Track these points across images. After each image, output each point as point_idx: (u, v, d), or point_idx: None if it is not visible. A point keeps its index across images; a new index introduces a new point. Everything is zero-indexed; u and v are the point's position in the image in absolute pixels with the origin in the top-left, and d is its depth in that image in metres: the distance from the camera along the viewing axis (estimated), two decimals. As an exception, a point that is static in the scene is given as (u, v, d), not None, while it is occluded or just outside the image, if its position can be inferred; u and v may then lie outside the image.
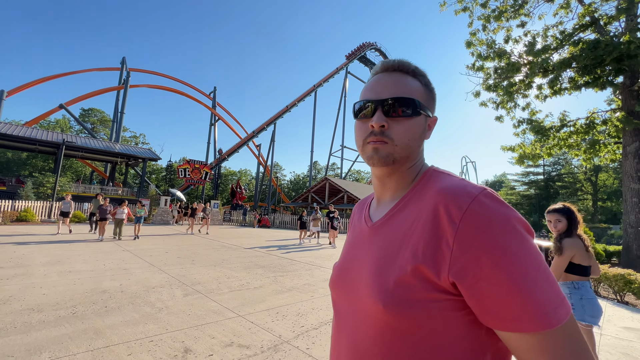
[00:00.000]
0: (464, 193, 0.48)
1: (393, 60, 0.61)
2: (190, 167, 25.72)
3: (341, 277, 0.63)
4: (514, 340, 0.44)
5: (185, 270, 5.97)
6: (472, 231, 0.45)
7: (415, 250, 0.49)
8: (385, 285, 0.50)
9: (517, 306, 0.42)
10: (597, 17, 8.06)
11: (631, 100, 7.72)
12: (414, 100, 0.57)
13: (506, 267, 0.43)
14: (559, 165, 49.64)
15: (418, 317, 0.47)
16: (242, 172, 70.61)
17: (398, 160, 0.57)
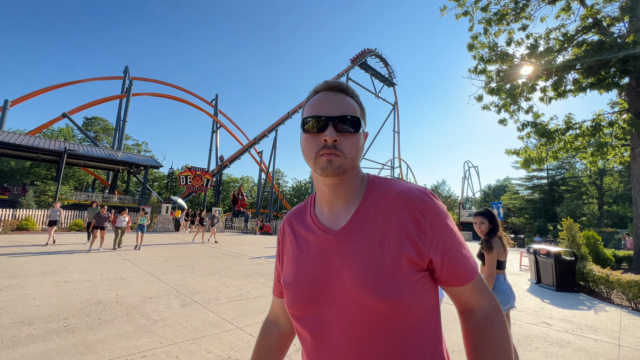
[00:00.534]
0: (420, 193, 0.64)
1: (336, 82, 0.67)
2: (192, 174, 25.66)
3: (316, 291, 0.64)
4: (462, 291, 0.64)
5: (184, 280, 5.82)
6: (434, 219, 0.62)
7: (399, 243, 0.60)
8: (383, 283, 0.57)
9: (466, 265, 0.63)
10: (599, 19, 7.97)
11: (637, 102, 7.58)
12: (359, 119, 0.64)
13: (457, 240, 0.63)
14: (563, 169, 49.17)
15: (412, 297, 0.58)
16: (243, 178, 70.63)
17: (347, 171, 0.64)
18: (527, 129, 8.87)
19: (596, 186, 45.21)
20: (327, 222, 0.68)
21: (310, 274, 0.65)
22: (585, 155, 8.85)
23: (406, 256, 0.59)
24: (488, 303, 0.64)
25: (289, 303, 0.67)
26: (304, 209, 0.76)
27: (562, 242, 8.81)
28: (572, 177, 48.06)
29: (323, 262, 0.64)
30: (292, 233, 0.74)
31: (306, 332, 0.65)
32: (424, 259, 0.61)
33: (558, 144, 8.65)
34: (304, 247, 0.69)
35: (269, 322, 0.84)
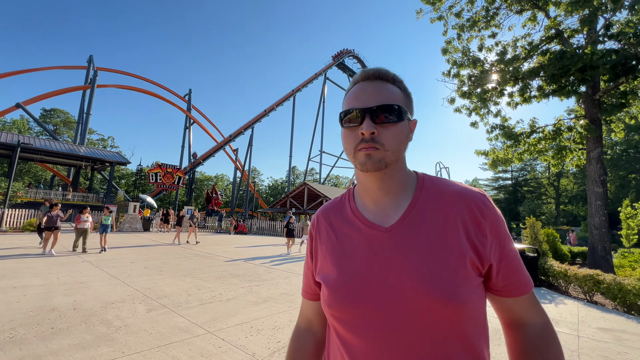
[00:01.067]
0: (481, 195, 0.62)
1: (374, 69, 0.62)
2: (162, 172, 24.49)
3: (363, 290, 0.59)
4: (516, 302, 0.61)
5: (152, 282, 5.50)
6: (495, 223, 0.60)
7: (462, 243, 0.57)
8: (449, 283, 0.54)
9: (523, 276, 0.61)
10: (561, 30, 8.50)
11: (593, 109, 8.17)
12: (399, 107, 0.59)
13: (513, 249, 0.62)
14: (525, 171, 52.50)
15: (472, 302, 0.56)
16: (218, 177, 68.77)
17: (390, 164, 0.60)
18: (496, 131, 9.30)
19: (554, 187, 48.66)
20: (373, 218, 0.64)
21: (356, 272, 0.61)
22: (547, 158, 9.44)
23: (469, 258, 0.57)
24: (541, 320, 0.61)
25: (330, 303, 0.62)
26: (341, 204, 0.71)
27: (526, 240, 9.34)
28: (533, 178, 51.43)
29: (371, 260, 0.60)
30: (329, 228, 0.69)
31: (350, 335, 0.60)
32: (485, 263, 0.58)
33: (523, 146, 9.15)
34: (346, 243, 0.65)
35: (302, 331, 0.76)
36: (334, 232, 0.68)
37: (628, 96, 7.68)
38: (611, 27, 7.44)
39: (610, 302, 5.52)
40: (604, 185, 7.99)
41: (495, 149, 9.80)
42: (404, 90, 0.64)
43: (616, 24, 7.38)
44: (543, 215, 44.07)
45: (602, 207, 7.84)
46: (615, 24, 7.38)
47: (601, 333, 3.87)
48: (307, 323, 0.76)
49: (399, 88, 0.63)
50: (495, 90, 9.01)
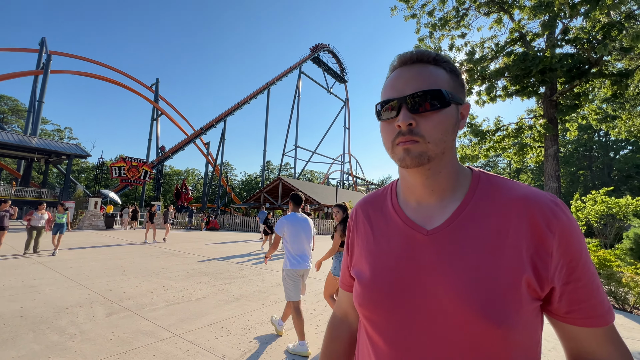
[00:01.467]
0: (551, 202, 0.51)
1: (411, 52, 0.55)
2: (127, 166, 23.01)
3: (396, 295, 0.54)
4: (587, 334, 0.50)
5: (113, 284, 5.15)
6: (567, 238, 0.49)
7: (519, 262, 0.49)
8: (496, 301, 0.47)
9: (599, 305, 0.49)
10: (524, 33, 8.96)
11: (550, 109, 8.73)
12: (440, 91, 0.52)
13: (588, 271, 0.50)
14: (489, 167, 55.63)
15: (521, 327, 0.48)
16: (189, 171, 66.20)
17: (433, 158, 0.53)
18: (465, 128, 9.68)
19: (515, 182, 52.05)
20: (416, 217, 0.58)
21: (390, 274, 0.56)
22: (509, 155, 9.99)
23: (526, 279, 0.48)
24: None
25: (361, 302, 0.58)
26: (382, 197, 0.66)
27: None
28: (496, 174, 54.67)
29: (408, 264, 0.55)
30: (367, 222, 0.65)
31: (379, 338, 0.56)
32: (545, 286, 0.49)
33: (488, 143, 9.61)
34: (383, 241, 0.60)
35: (338, 321, 0.74)
36: (371, 227, 0.64)
37: (581, 98, 8.29)
38: (568, 32, 7.95)
39: (563, 289, 5.99)
40: (558, 180, 8.60)
41: (463, 145, 10.21)
42: (450, 70, 0.55)
43: (572, 29, 7.90)
44: None
45: (557, 200, 8.45)
46: (572, 29, 7.90)
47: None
48: (343, 314, 0.75)
49: (444, 69, 0.55)
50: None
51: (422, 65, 0.54)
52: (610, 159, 38.24)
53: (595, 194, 12.38)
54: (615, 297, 4.99)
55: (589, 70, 7.54)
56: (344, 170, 57.02)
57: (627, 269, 7.04)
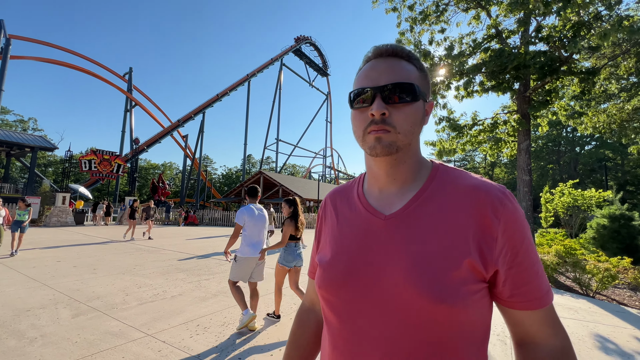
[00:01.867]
0: (498, 191, 0.54)
1: (386, 45, 0.58)
2: (98, 159, 21.79)
3: (352, 276, 0.57)
4: (527, 316, 0.53)
5: (82, 283, 4.87)
6: (511, 225, 0.52)
7: (465, 245, 0.51)
8: (438, 282, 0.50)
9: (539, 288, 0.53)
10: (500, 30, 9.19)
11: (524, 105, 9.05)
12: (412, 85, 0.55)
13: (530, 256, 0.53)
14: (466, 161, 57.56)
15: (465, 308, 0.50)
16: (166, 165, 64.03)
17: (401, 148, 0.56)
18: (443, 123, 9.88)
19: (489, 176, 54.14)
20: (377, 204, 0.61)
21: (347, 256, 0.59)
22: (485, 149, 10.31)
23: (469, 261, 0.51)
24: (559, 343, 0.53)
25: (320, 283, 0.61)
26: (350, 187, 0.70)
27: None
28: (472, 168, 56.62)
29: (365, 246, 0.58)
30: (333, 210, 0.68)
31: (334, 317, 0.58)
32: (489, 269, 0.52)
33: (466, 137, 9.87)
34: (345, 227, 0.63)
35: (305, 310, 0.78)
36: (337, 215, 0.67)
37: (552, 94, 8.64)
38: (542, 30, 8.23)
39: (533, 277, 6.28)
40: (530, 173, 8.98)
41: (442, 139, 10.43)
42: (420, 68, 0.59)
43: (545, 27, 8.17)
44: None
45: (528, 193, 8.82)
46: (545, 27, 8.17)
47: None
48: (310, 302, 0.77)
49: (415, 66, 0.58)
50: (443, 84, 9.51)
51: (396, 59, 0.57)
52: (576, 153, 40.57)
53: (563, 187, 13.07)
54: (579, 284, 5.28)
55: (560, 68, 7.85)
56: (326, 164, 57.12)
57: (590, 256, 7.51)
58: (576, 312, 4.09)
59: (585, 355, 2.84)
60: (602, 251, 8.43)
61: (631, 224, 8.49)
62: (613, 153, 35.78)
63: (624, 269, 5.91)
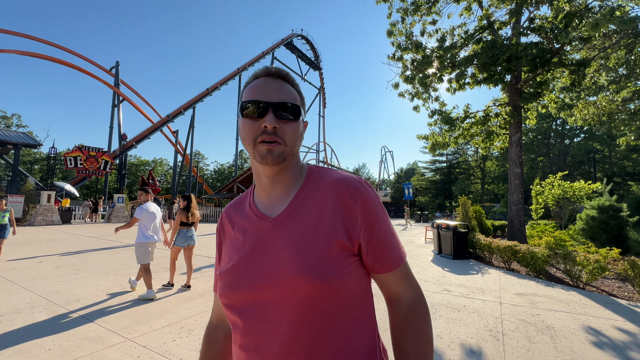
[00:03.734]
0: (355, 181, 0.67)
1: (275, 68, 0.67)
2: (84, 156, 21.18)
3: (247, 277, 0.62)
4: (388, 277, 0.66)
5: (63, 285, 4.67)
6: (366, 206, 0.64)
7: (332, 228, 0.61)
8: (316, 263, 0.58)
9: (393, 252, 0.66)
10: (492, 21, 9.10)
11: (515, 97, 9.02)
12: (298, 107, 0.65)
13: (386, 228, 0.66)
14: (457, 155, 57.96)
15: (343, 280, 0.60)
16: (156, 161, 62.98)
17: (287, 158, 0.64)
18: (435, 116, 9.79)
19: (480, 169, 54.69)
20: (265, 210, 0.68)
21: (242, 261, 0.64)
22: (477, 142, 10.29)
23: (337, 240, 0.60)
24: (413, 293, 0.66)
25: (222, 291, 0.65)
26: (243, 199, 0.76)
27: (458, 217, 10.23)
28: (464, 161, 57.13)
29: (257, 249, 0.64)
30: (230, 224, 0.73)
31: (239, 319, 0.62)
32: (354, 243, 0.62)
33: (458, 130, 9.81)
34: (240, 235, 0.68)
35: (214, 326, 0.79)
36: (233, 227, 0.71)
37: (542, 86, 8.61)
38: (534, 20, 8.16)
39: (524, 269, 6.29)
40: (521, 166, 8.99)
41: (434, 133, 10.36)
42: (299, 93, 0.69)
43: (538, 18, 8.10)
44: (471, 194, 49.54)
45: (520, 185, 8.84)
46: (537, 17, 8.10)
47: (518, 298, 4.33)
48: (219, 318, 0.79)
49: (296, 91, 0.68)
50: (435, 76, 9.40)
51: (284, 82, 0.66)
52: (566, 146, 41.16)
53: (553, 179, 13.19)
54: (570, 275, 5.29)
55: (551, 60, 7.80)
56: (320, 158, 56.91)
57: (580, 247, 7.57)
58: (567, 304, 4.08)
59: (577, 349, 2.80)
60: (591, 242, 8.52)
61: (619, 215, 8.58)
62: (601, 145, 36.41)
63: (613, 260, 5.95)
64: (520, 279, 5.56)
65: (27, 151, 45.80)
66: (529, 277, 5.73)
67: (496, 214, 32.05)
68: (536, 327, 3.28)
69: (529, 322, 3.42)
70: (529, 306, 3.96)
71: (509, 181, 9.19)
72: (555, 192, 12.69)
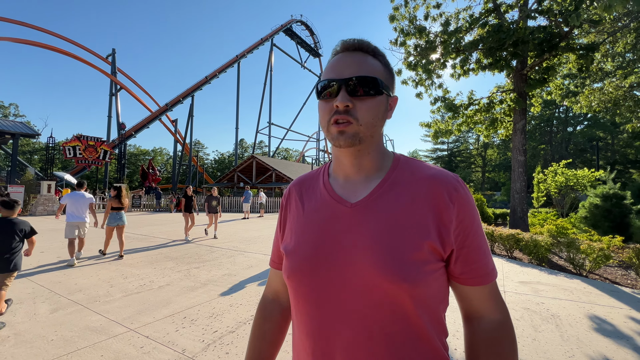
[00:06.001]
0: (453, 179, 0.60)
1: (353, 40, 0.61)
2: (82, 145, 21.02)
3: (320, 262, 0.58)
4: (475, 292, 0.59)
5: (65, 275, 4.67)
6: (464, 208, 0.58)
7: (424, 228, 0.56)
8: (401, 262, 0.53)
9: (485, 266, 0.59)
10: (498, 4, 8.80)
11: (520, 83, 8.83)
12: (376, 79, 0.58)
13: (481, 237, 0.60)
14: (459, 143, 57.66)
15: (428, 285, 0.55)
16: (156, 150, 62.77)
17: (364, 140, 0.58)
18: (438, 103, 9.61)
19: (481, 157, 54.47)
20: (342, 192, 0.63)
21: (315, 243, 0.60)
22: (480, 129, 10.14)
23: (429, 243, 0.55)
24: (500, 316, 0.60)
25: (289, 272, 0.62)
26: (315, 176, 0.71)
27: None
28: (465, 149, 56.85)
29: (332, 233, 0.59)
30: (299, 199, 0.69)
31: (305, 304, 0.59)
32: (447, 248, 0.57)
33: (461, 118, 9.65)
34: (312, 215, 0.64)
35: (269, 302, 0.76)
36: (302, 203, 0.68)
37: (549, 72, 8.41)
38: (542, 2, 7.89)
39: (527, 257, 6.28)
40: (525, 153, 8.88)
41: (437, 120, 10.20)
42: (385, 64, 0.62)
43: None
44: (472, 182, 49.57)
45: (523, 173, 8.76)
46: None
47: (522, 286, 4.31)
48: (274, 293, 0.76)
49: (380, 62, 0.61)
50: (438, 62, 9.17)
51: (362, 54, 0.60)
52: (569, 133, 40.81)
53: (556, 167, 13.08)
54: (573, 263, 5.28)
55: (559, 44, 7.58)
56: (320, 147, 56.63)
57: (582, 235, 7.55)
58: (571, 292, 4.06)
59: (583, 337, 2.78)
60: (594, 230, 8.50)
61: (622, 202, 8.53)
62: (604, 132, 36.09)
63: (616, 248, 5.93)
64: (522, 267, 5.54)
65: (25, 141, 45.56)
66: (532, 265, 5.72)
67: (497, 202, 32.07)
68: (541, 316, 3.26)
69: (533, 311, 3.40)
70: (533, 294, 3.95)
71: (512, 169, 9.09)
72: (558, 180, 12.60)
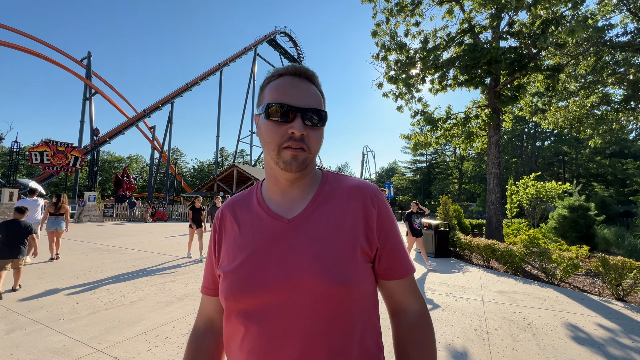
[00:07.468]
0: (374, 188, 0.68)
1: (302, 67, 0.64)
2: (51, 151, 19.83)
3: (259, 278, 0.59)
4: (397, 286, 0.66)
5: (24, 291, 4.30)
6: (384, 213, 0.66)
7: (355, 234, 0.62)
8: (340, 268, 0.58)
9: (405, 261, 0.67)
10: (473, 25, 9.32)
11: (494, 99, 9.30)
12: (326, 113, 0.64)
13: (397, 236, 0.68)
14: (437, 155, 59.57)
15: (364, 285, 0.60)
16: (132, 158, 60.44)
17: (308, 165, 0.64)
18: (418, 116, 9.93)
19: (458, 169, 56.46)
20: (279, 210, 0.66)
21: (254, 261, 0.61)
22: (458, 142, 10.53)
23: (360, 246, 0.61)
24: (419, 306, 0.66)
25: (227, 293, 0.61)
26: (248, 196, 0.73)
27: (439, 216, 10.43)
28: (442, 161, 58.78)
29: (270, 249, 0.61)
30: (234, 220, 0.69)
31: (248, 323, 0.58)
32: (373, 249, 0.63)
33: (440, 131, 10.00)
34: (249, 233, 0.65)
35: (202, 331, 0.73)
36: (238, 224, 0.68)
37: (520, 90, 8.92)
38: (513, 25, 8.42)
39: (503, 267, 6.47)
40: (499, 166, 9.29)
41: (417, 133, 10.50)
42: (321, 93, 0.66)
43: (517, 22, 8.38)
44: (449, 193, 51.16)
45: (498, 185, 9.13)
46: (517, 22, 8.37)
47: (499, 296, 4.42)
48: (208, 321, 0.74)
49: (320, 92, 0.65)
50: (418, 77, 9.52)
51: (310, 83, 0.63)
52: (538, 148, 43.23)
53: (527, 179, 13.75)
54: (545, 272, 5.49)
55: (528, 64, 8.08)
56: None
57: (552, 245, 7.90)
58: (545, 301, 4.20)
59: (559, 346, 2.87)
60: (563, 239, 8.92)
61: (588, 214, 9.05)
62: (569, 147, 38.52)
63: (583, 257, 6.24)
64: (499, 276, 5.70)
65: (-14, 145, 42.53)
66: (507, 274, 5.90)
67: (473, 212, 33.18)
68: (518, 325, 3.34)
69: (511, 320, 3.48)
70: (509, 304, 4.05)
71: (488, 181, 9.47)
72: (529, 192, 13.23)
